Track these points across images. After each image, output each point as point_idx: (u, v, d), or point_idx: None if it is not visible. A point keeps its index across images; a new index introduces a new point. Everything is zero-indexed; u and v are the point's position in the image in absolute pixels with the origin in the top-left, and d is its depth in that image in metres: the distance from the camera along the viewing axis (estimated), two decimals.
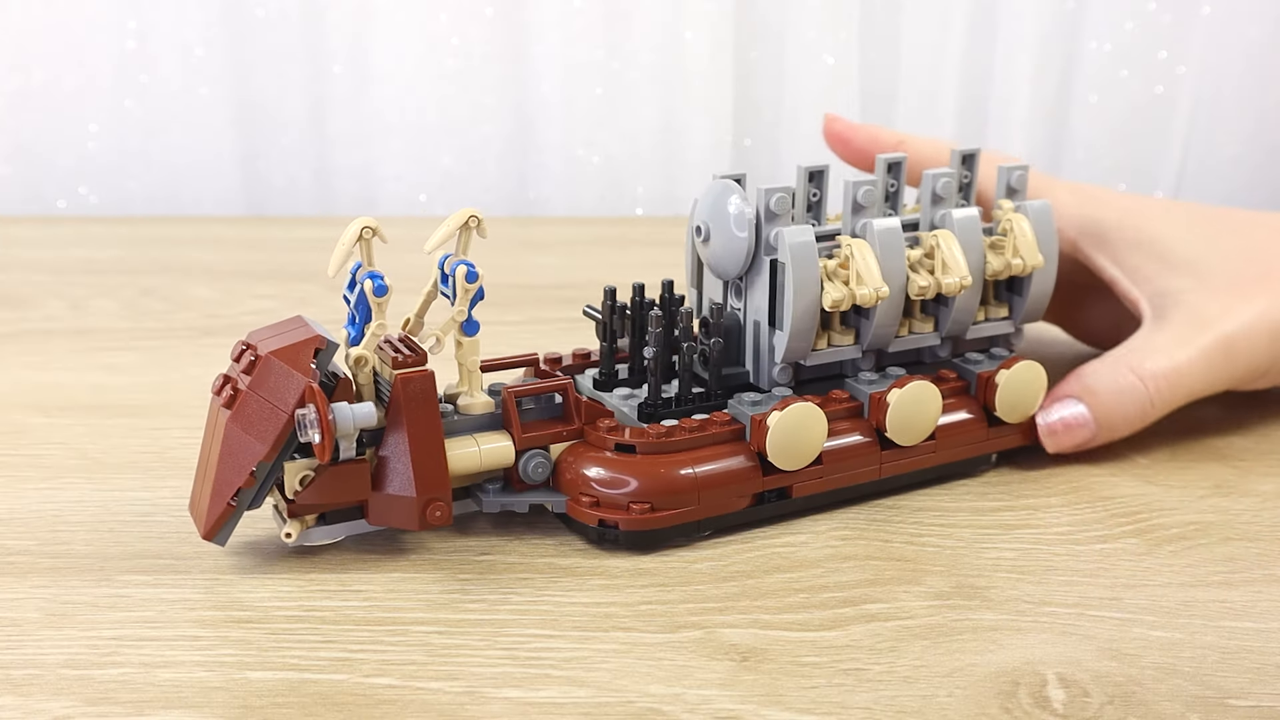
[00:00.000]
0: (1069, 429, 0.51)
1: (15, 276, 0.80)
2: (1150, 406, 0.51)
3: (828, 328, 0.49)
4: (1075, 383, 0.52)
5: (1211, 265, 0.53)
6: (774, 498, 0.47)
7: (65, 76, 0.98)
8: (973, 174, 0.52)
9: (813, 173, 0.49)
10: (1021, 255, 0.50)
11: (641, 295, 0.50)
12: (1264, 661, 0.39)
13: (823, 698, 0.37)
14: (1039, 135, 1.04)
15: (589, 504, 0.45)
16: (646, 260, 0.86)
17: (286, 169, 1.01)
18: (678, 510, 0.45)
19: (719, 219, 0.48)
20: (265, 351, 0.42)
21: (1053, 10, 1.01)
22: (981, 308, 0.52)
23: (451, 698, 0.37)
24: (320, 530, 0.44)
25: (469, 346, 0.45)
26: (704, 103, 1.01)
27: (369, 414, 0.42)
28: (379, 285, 0.43)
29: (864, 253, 0.47)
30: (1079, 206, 0.55)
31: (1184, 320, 0.52)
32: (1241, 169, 1.06)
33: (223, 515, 0.42)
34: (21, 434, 0.55)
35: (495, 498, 0.45)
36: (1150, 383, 0.51)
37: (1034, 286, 0.51)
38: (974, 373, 0.50)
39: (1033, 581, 0.43)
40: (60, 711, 0.36)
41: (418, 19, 0.98)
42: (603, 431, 0.45)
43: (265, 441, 0.41)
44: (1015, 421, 0.51)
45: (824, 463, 0.47)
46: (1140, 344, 0.52)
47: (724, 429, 0.46)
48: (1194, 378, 0.51)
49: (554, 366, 0.50)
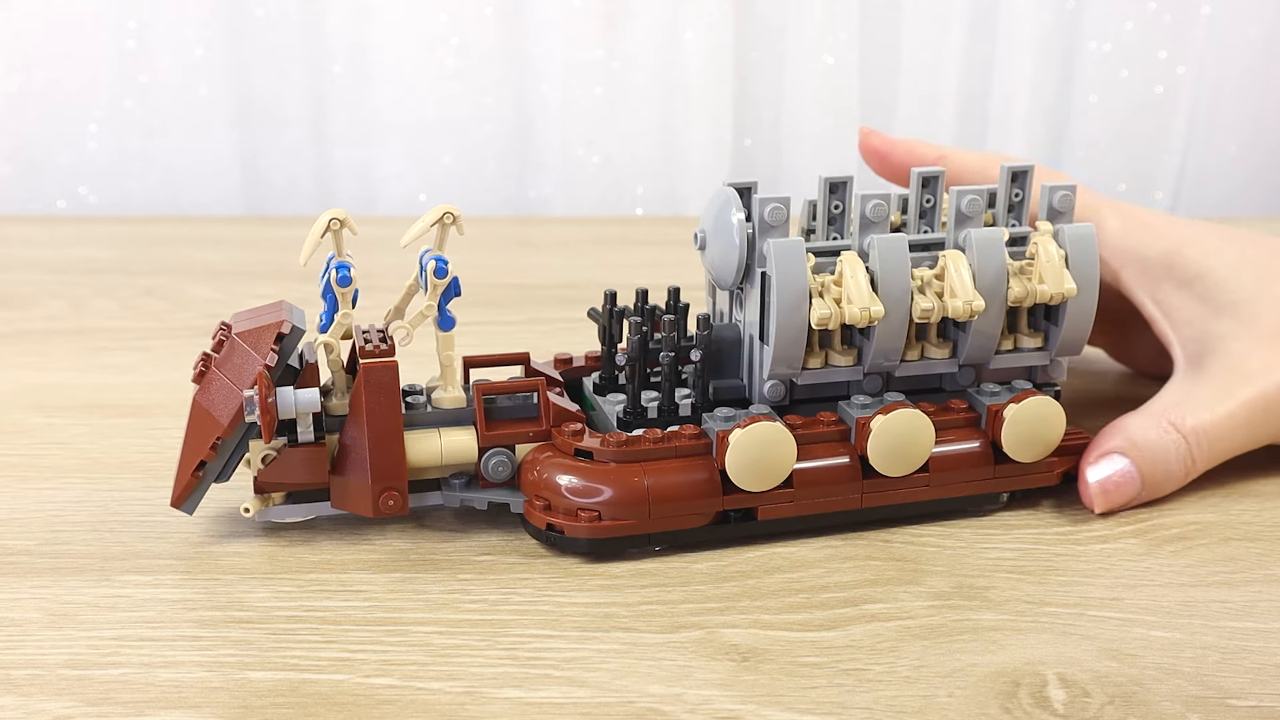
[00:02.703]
0: (1119, 488, 0.48)
1: (15, 276, 0.80)
2: (1193, 465, 0.48)
3: (826, 346, 0.47)
4: (1119, 437, 0.48)
5: (1257, 310, 0.50)
6: (739, 518, 0.45)
7: (65, 76, 0.98)
8: (1025, 192, 0.48)
9: (834, 184, 0.47)
10: (1047, 282, 0.46)
11: (644, 300, 0.49)
12: (1264, 661, 0.39)
13: (823, 698, 0.37)
14: (1039, 135, 1.04)
15: (541, 506, 0.44)
16: (646, 260, 0.86)
17: (286, 169, 1.01)
18: (625, 521, 0.44)
19: (716, 228, 0.47)
20: (234, 333, 0.44)
21: (1053, 10, 1.01)
22: (1011, 336, 0.48)
23: (452, 698, 0.37)
24: (282, 509, 0.46)
25: (444, 341, 0.45)
26: (704, 103, 1.01)
27: (311, 400, 0.43)
28: (343, 276, 0.44)
29: (855, 270, 0.44)
30: (1124, 236, 0.52)
31: (1225, 371, 0.49)
32: (1241, 169, 1.06)
33: (189, 485, 0.44)
34: (21, 434, 0.55)
35: (457, 493, 0.46)
36: (1193, 439, 0.48)
37: (1070, 316, 0.47)
38: (984, 404, 0.47)
39: (1033, 582, 0.43)
40: (61, 711, 0.36)
41: (418, 19, 0.98)
42: (566, 436, 0.45)
43: (224, 418, 0.43)
44: (1028, 460, 0.47)
45: (795, 485, 0.45)
46: (1181, 396, 0.49)
47: (689, 442, 0.44)
48: (1236, 434, 0.49)
49: (562, 367, 0.50)
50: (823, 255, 0.46)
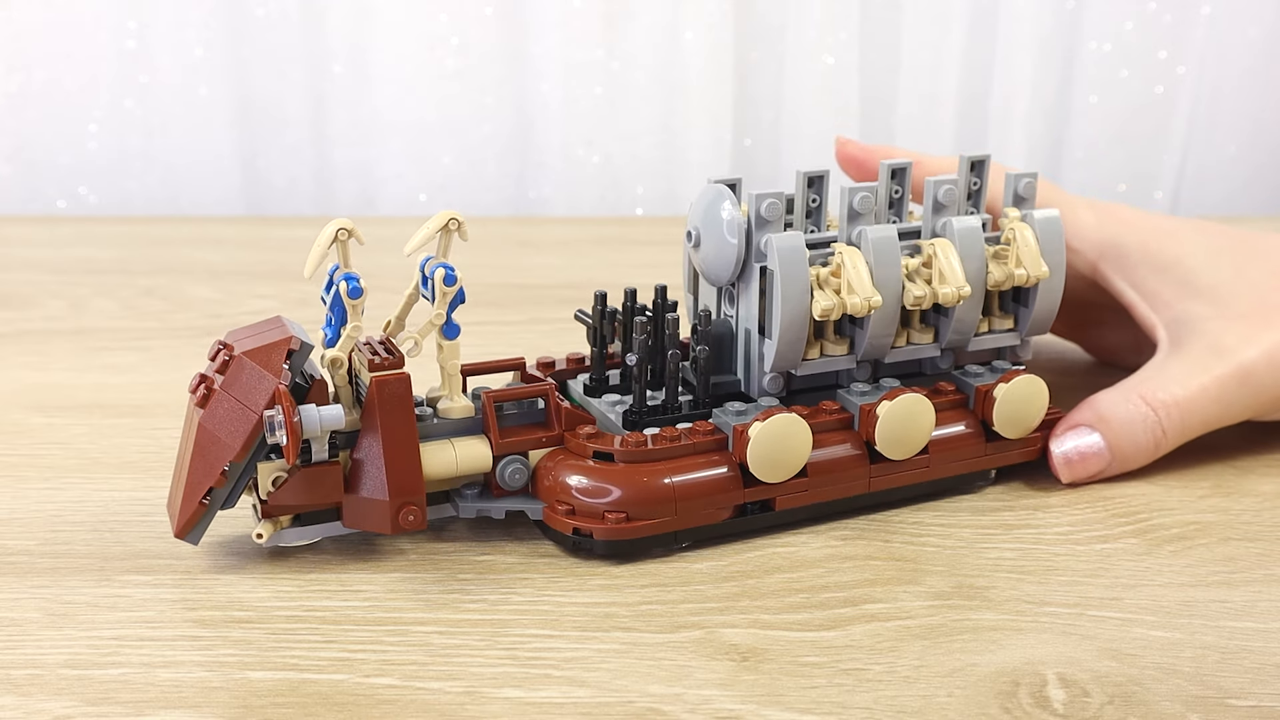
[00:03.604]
0: (1084, 459, 0.49)
1: (15, 276, 0.80)
2: (1163, 437, 0.50)
3: (820, 337, 0.47)
4: (1088, 411, 0.50)
5: (1234, 291, 0.51)
6: (756, 510, 0.46)
7: (65, 76, 0.98)
8: (982, 180, 0.50)
9: (812, 178, 0.48)
10: (1025, 265, 0.49)
11: (633, 300, 0.49)
12: (1264, 661, 0.39)
13: (823, 698, 0.37)
14: (1039, 135, 1.04)
15: (565, 511, 0.44)
16: (646, 260, 0.86)
17: (286, 169, 1.01)
18: (654, 520, 0.44)
19: (709, 224, 0.47)
20: (239, 352, 0.42)
21: (1053, 10, 1.01)
22: (985, 319, 0.50)
23: (452, 698, 0.37)
24: (294, 532, 0.44)
25: (449, 350, 0.45)
26: (704, 103, 1.01)
27: (336, 417, 0.42)
28: (354, 287, 0.43)
29: (856, 261, 0.45)
30: (1100, 228, 0.54)
31: (1201, 348, 0.50)
32: (1241, 169, 1.06)
33: (195, 514, 0.42)
34: (21, 434, 0.55)
35: (472, 503, 0.45)
36: (1163, 412, 0.49)
37: (1040, 298, 0.50)
38: (973, 386, 0.49)
39: (1033, 581, 0.43)
40: (60, 711, 0.36)
41: (418, 19, 0.98)
42: (582, 439, 0.45)
43: (235, 442, 0.41)
44: (1015, 437, 0.49)
45: (809, 475, 0.46)
46: (1154, 373, 0.51)
47: (706, 439, 0.45)
48: (1209, 408, 0.50)
49: (546, 371, 0.50)
50: (813, 248, 0.47)
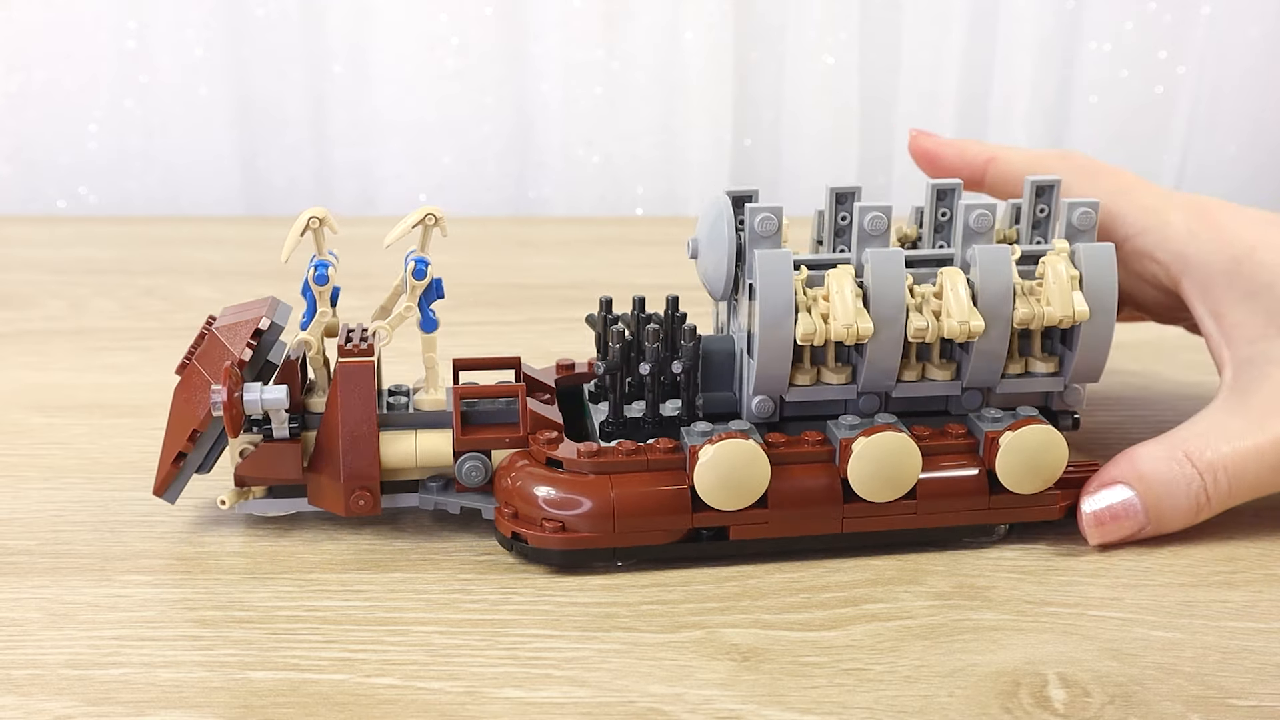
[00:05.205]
0: (1117, 520, 0.44)
1: (15, 276, 0.80)
2: (1206, 503, 0.44)
3: (818, 363, 0.45)
4: (1126, 465, 0.45)
5: None
6: (712, 536, 0.44)
7: (65, 76, 0.98)
8: (1050, 207, 0.46)
9: (841, 195, 0.45)
10: (1053, 304, 0.43)
11: (641, 308, 0.48)
12: (1264, 661, 0.39)
13: (823, 698, 0.37)
14: (1039, 135, 1.04)
15: (509, 514, 0.44)
16: (646, 261, 0.85)
17: (286, 169, 1.01)
18: (588, 534, 0.43)
19: (709, 237, 0.45)
20: (214, 328, 0.45)
21: (1053, 10, 1.01)
22: (1023, 360, 0.45)
23: (452, 698, 0.37)
24: (262, 503, 0.46)
25: (426, 343, 0.45)
26: (704, 103, 1.01)
27: (278, 397, 0.43)
28: (320, 274, 0.44)
29: (843, 284, 0.43)
30: (1189, 238, 0.46)
31: (1263, 400, 0.44)
32: (1241, 169, 1.06)
33: (169, 475, 0.45)
34: (21, 434, 0.55)
35: (431, 495, 0.46)
36: (1209, 476, 0.44)
37: (1084, 342, 0.44)
38: (983, 431, 0.44)
39: (1033, 582, 0.43)
40: (61, 711, 0.36)
41: (418, 19, 0.98)
42: (541, 444, 0.44)
43: (199, 411, 0.44)
44: (1025, 491, 0.44)
45: (770, 506, 0.43)
46: (1206, 427, 0.45)
47: (663, 456, 0.43)
48: (1262, 474, 0.44)
49: (564, 373, 0.50)
50: (820, 268, 0.44)
